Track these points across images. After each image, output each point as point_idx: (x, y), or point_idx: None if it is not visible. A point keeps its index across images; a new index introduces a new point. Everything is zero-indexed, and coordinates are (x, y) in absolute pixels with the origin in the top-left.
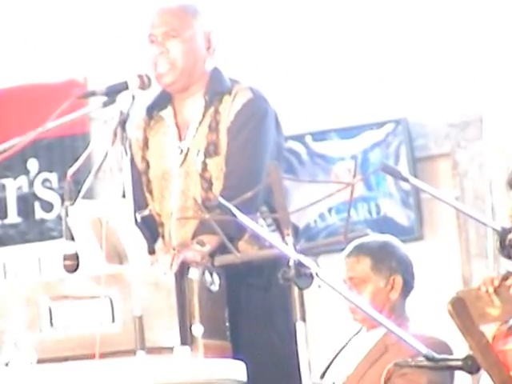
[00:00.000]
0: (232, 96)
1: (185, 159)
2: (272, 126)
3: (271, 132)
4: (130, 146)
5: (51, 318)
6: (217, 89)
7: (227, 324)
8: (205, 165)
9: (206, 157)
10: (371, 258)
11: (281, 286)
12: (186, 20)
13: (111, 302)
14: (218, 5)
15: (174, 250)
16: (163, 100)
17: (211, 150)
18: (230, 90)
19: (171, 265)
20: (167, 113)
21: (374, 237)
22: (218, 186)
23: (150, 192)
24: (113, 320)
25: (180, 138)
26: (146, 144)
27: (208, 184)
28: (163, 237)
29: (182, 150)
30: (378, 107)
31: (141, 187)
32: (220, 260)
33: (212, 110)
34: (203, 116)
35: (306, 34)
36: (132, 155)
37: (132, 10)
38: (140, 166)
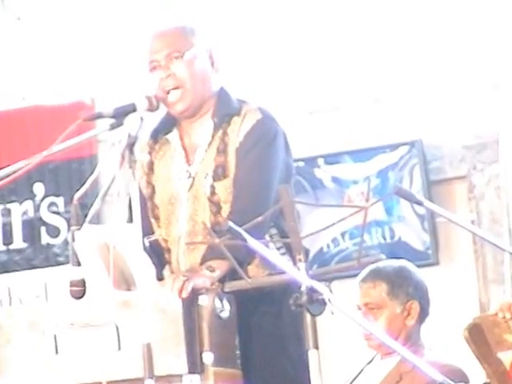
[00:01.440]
0: (241, 117)
1: (193, 183)
2: (281, 147)
3: (281, 153)
4: (133, 171)
5: (56, 346)
6: (225, 111)
7: (238, 351)
8: (213, 188)
9: (214, 180)
10: (387, 283)
11: (293, 313)
12: (186, 39)
13: (117, 329)
14: (215, 22)
15: (183, 276)
16: (169, 122)
17: (219, 173)
18: (239, 111)
19: (180, 291)
20: (173, 135)
21: (388, 262)
22: (226, 210)
23: (156, 218)
24: (119, 348)
25: (188, 162)
26: (151, 168)
27: (217, 208)
28: (170, 263)
29: (190, 174)
30: (392, 129)
31: (146, 213)
32: (230, 286)
33: (220, 132)
34: (212, 138)
35: (318, 54)
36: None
37: (140, 31)
38: (145, 191)
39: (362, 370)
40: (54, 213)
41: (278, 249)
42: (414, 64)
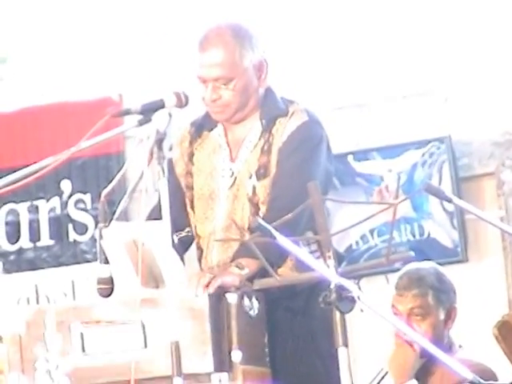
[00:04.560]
0: (287, 117)
1: (234, 182)
2: (324, 153)
3: (323, 159)
4: (171, 162)
5: (83, 344)
6: (273, 112)
7: (266, 350)
8: (254, 189)
9: (256, 181)
10: (434, 290)
11: (322, 310)
12: (233, 61)
13: (143, 327)
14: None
15: (211, 273)
16: (212, 119)
17: (261, 173)
18: (286, 111)
19: (206, 286)
20: (218, 131)
21: (421, 265)
22: (263, 210)
23: (193, 209)
24: (145, 346)
25: (231, 159)
26: (190, 159)
27: (255, 209)
28: (201, 259)
29: (232, 173)
30: (420, 126)
31: (181, 203)
32: (259, 284)
33: (267, 132)
34: (259, 139)
35: (348, 50)
36: (173, 168)
37: (168, 28)
38: (185, 180)
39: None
40: (81, 210)
41: (312, 252)
42: (443, 60)
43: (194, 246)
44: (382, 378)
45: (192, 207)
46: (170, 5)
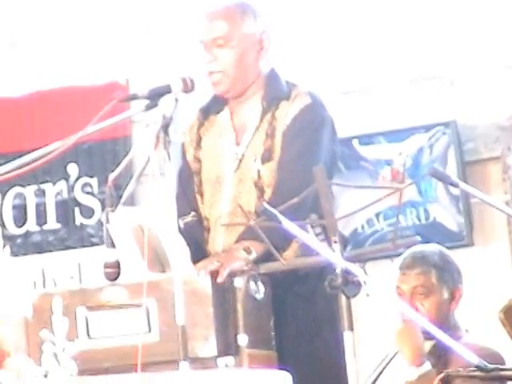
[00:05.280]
0: (290, 101)
1: (239, 165)
2: (328, 135)
3: (327, 141)
4: (183, 147)
5: (88, 328)
6: (275, 94)
7: (272, 333)
8: (259, 172)
9: (262, 164)
10: (437, 269)
11: (327, 295)
12: (234, 24)
13: (148, 311)
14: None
15: (218, 261)
16: (219, 101)
17: (266, 157)
18: (288, 94)
19: (212, 273)
20: (224, 115)
21: (426, 247)
22: (269, 193)
23: (201, 194)
24: (149, 330)
25: (237, 143)
26: (198, 144)
27: (261, 192)
28: (207, 242)
29: (237, 156)
30: (426, 110)
31: (191, 188)
32: (265, 268)
33: (269, 115)
34: (260, 122)
35: (353, 34)
36: (185, 154)
37: (175, 12)
38: (193, 165)
39: (396, 352)
40: (87, 193)
41: (317, 235)
42: (449, 44)
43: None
44: (388, 363)
45: (199, 192)
46: None
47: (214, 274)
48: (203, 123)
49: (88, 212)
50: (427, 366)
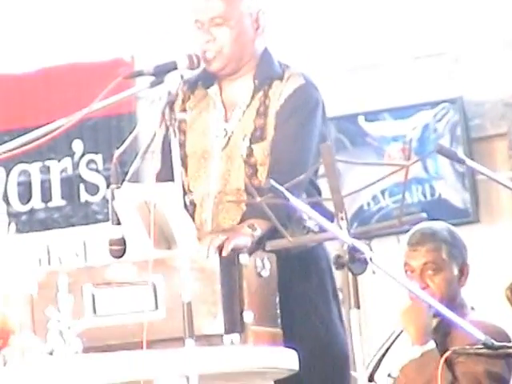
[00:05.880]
0: (283, 81)
1: (228, 142)
2: (320, 117)
3: (319, 122)
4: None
5: (94, 306)
6: (267, 73)
7: (278, 311)
8: (250, 150)
9: (251, 142)
10: (447, 244)
11: (320, 275)
12: (231, 3)
13: (154, 288)
14: None
15: (223, 235)
16: (209, 76)
17: (258, 136)
18: (281, 75)
19: (219, 248)
20: (214, 90)
21: (433, 223)
22: (262, 172)
23: (185, 167)
24: (156, 307)
25: (225, 119)
26: None
27: (253, 170)
28: (193, 216)
29: (226, 133)
30: (432, 87)
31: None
32: (272, 245)
33: (261, 94)
34: (251, 100)
35: (359, 11)
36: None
37: None
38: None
39: (401, 331)
40: (92, 170)
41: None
42: (454, 21)
43: None
44: (395, 340)
45: (183, 165)
46: None
47: (220, 249)
48: (189, 96)
49: (93, 189)
50: (431, 344)
